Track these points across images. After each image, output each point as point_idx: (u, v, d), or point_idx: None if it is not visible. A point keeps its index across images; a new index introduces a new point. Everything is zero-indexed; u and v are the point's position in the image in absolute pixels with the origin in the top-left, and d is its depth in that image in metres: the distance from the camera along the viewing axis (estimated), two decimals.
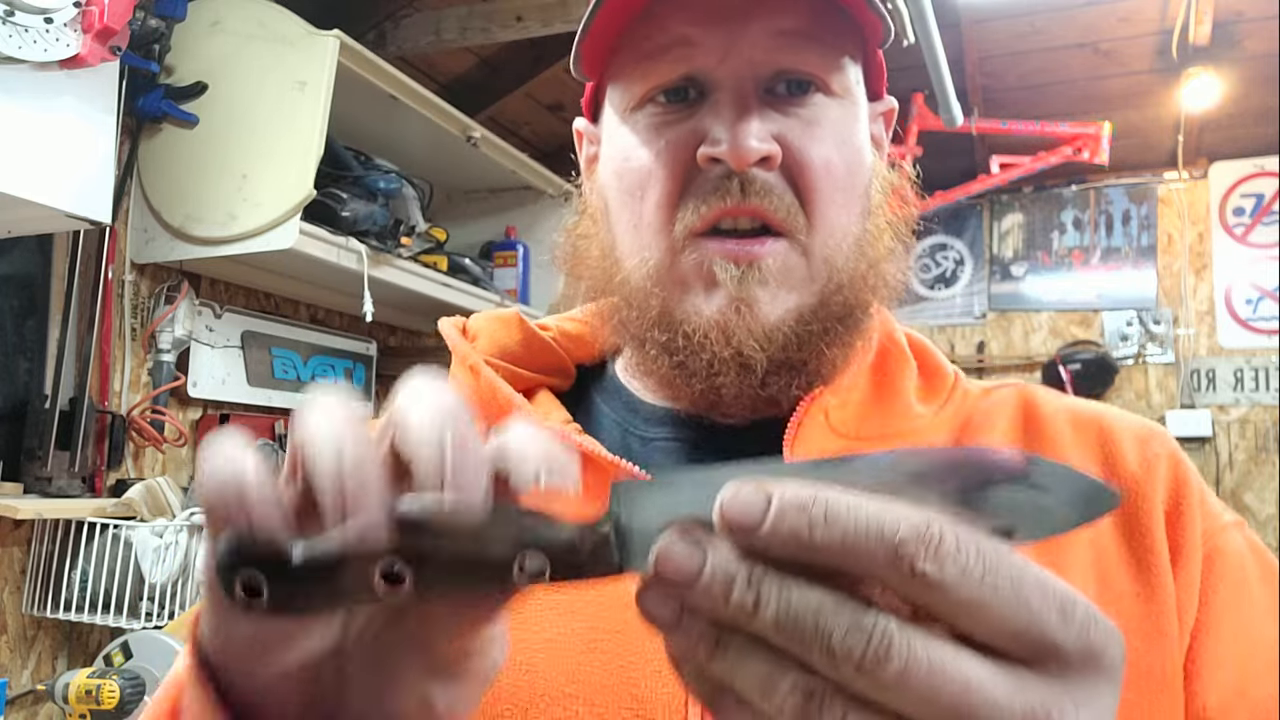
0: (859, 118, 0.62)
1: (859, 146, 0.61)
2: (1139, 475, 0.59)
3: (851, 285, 0.60)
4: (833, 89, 0.60)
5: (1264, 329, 3.87)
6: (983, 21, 3.21)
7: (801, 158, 0.58)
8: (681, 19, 0.58)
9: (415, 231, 2.44)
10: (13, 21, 1.46)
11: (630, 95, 0.61)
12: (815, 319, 0.58)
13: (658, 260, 0.59)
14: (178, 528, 1.86)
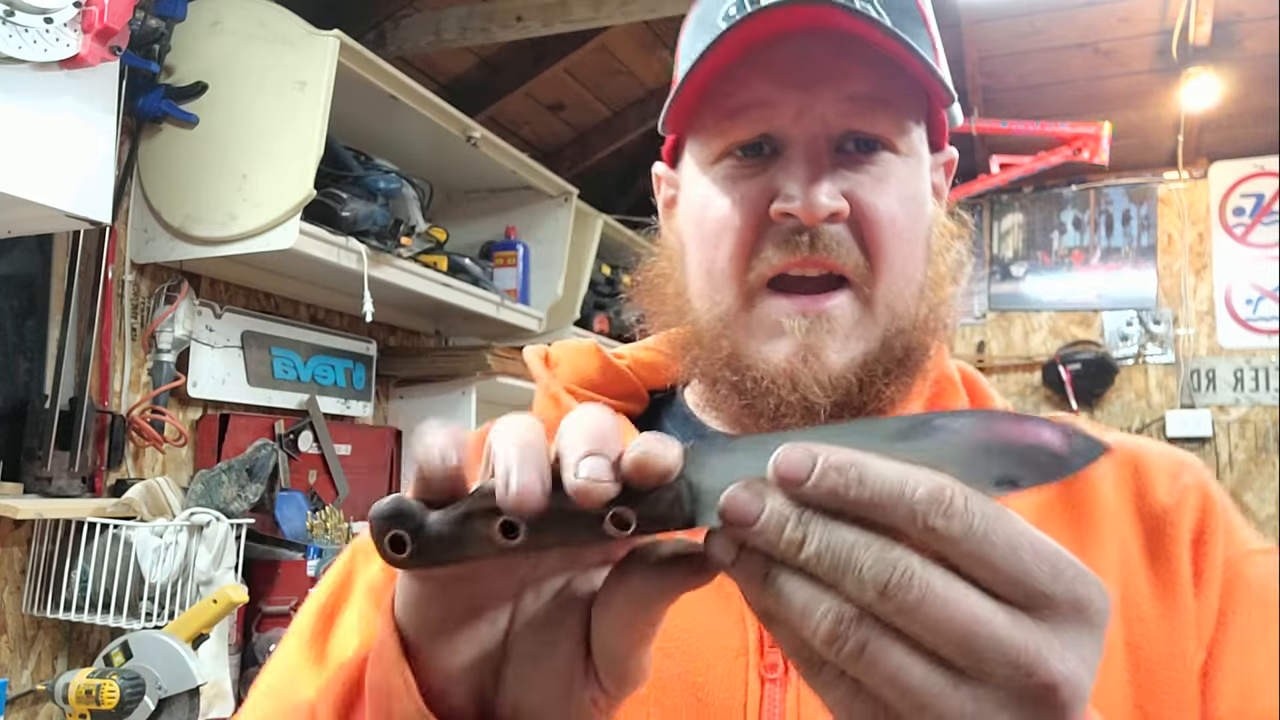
0: (922, 174, 0.66)
1: (921, 201, 0.65)
2: (1168, 505, 0.63)
3: (913, 329, 0.64)
4: (898, 148, 0.63)
5: (1264, 329, 3.87)
6: (983, 21, 3.21)
7: (868, 213, 0.62)
8: (760, 81, 0.62)
9: (415, 231, 2.44)
10: (13, 21, 1.46)
11: (710, 149, 0.65)
12: (878, 363, 0.62)
13: (729, 305, 0.63)
14: (178, 528, 1.86)
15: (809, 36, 0.61)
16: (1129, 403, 3.99)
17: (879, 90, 0.62)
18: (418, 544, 0.39)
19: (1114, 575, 0.61)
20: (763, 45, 0.61)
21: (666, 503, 0.37)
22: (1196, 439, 3.87)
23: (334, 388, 2.63)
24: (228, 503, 2.06)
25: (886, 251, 0.62)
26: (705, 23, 0.65)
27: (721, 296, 0.63)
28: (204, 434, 2.24)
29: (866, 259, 0.62)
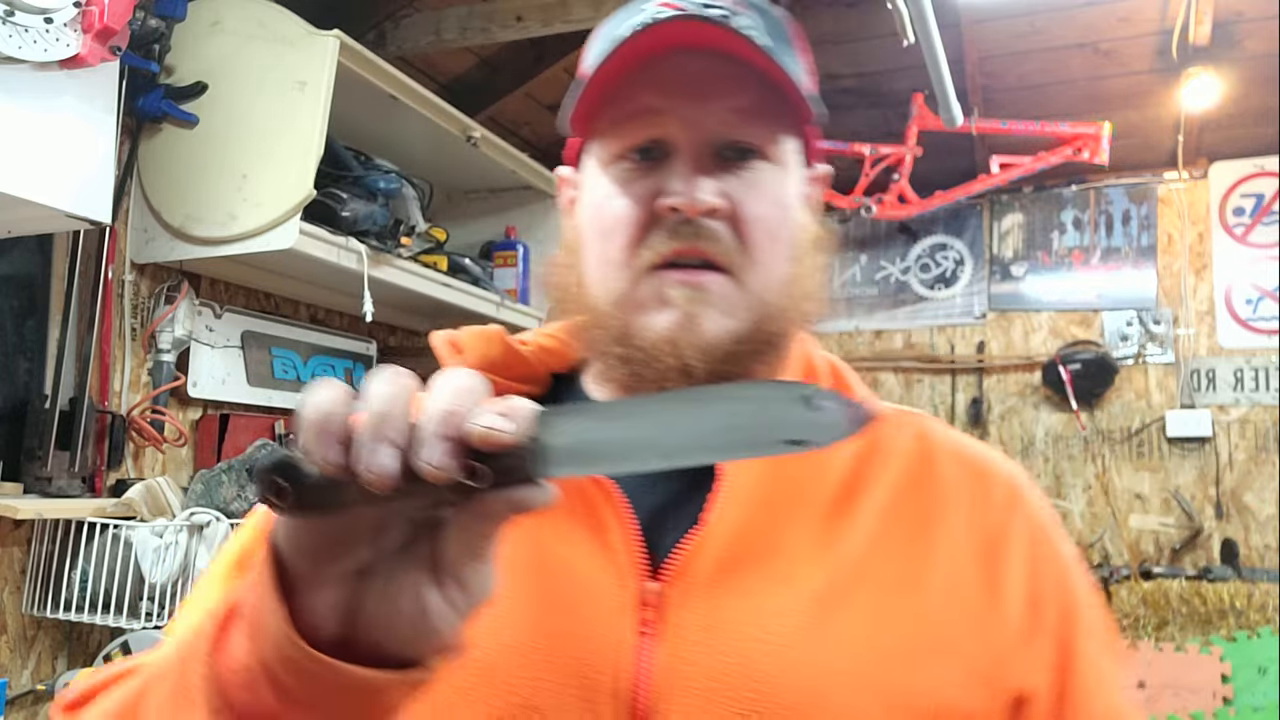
0: (791, 182, 0.75)
1: (789, 205, 0.74)
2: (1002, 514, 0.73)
3: (779, 316, 0.72)
4: (771, 157, 0.72)
5: (1264, 329, 3.87)
6: (983, 21, 3.21)
7: (742, 211, 0.70)
8: (653, 92, 0.70)
9: (415, 231, 2.44)
10: (13, 21, 1.46)
11: (607, 151, 0.73)
12: (747, 340, 0.70)
13: (620, 288, 0.71)
14: (178, 528, 1.86)
15: (697, 54, 0.70)
16: (1129, 403, 3.99)
17: (757, 105, 0.71)
18: (297, 494, 0.45)
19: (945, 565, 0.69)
20: (657, 58, 0.70)
21: (516, 460, 0.44)
22: (1196, 439, 3.87)
23: None
24: (228, 503, 2.06)
25: (757, 246, 0.70)
26: (608, 37, 0.73)
27: (614, 281, 0.71)
28: (204, 434, 2.24)
29: (741, 250, 0.70)
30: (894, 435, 0.75)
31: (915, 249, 4.35)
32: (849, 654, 0.63)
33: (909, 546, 0.69)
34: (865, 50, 3.35)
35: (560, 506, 0.67)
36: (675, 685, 0.62)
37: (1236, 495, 3.81)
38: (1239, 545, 3.70)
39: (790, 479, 0.69)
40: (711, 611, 0.64)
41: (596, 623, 0.64)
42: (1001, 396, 4.18)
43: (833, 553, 0.67)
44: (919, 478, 0.73)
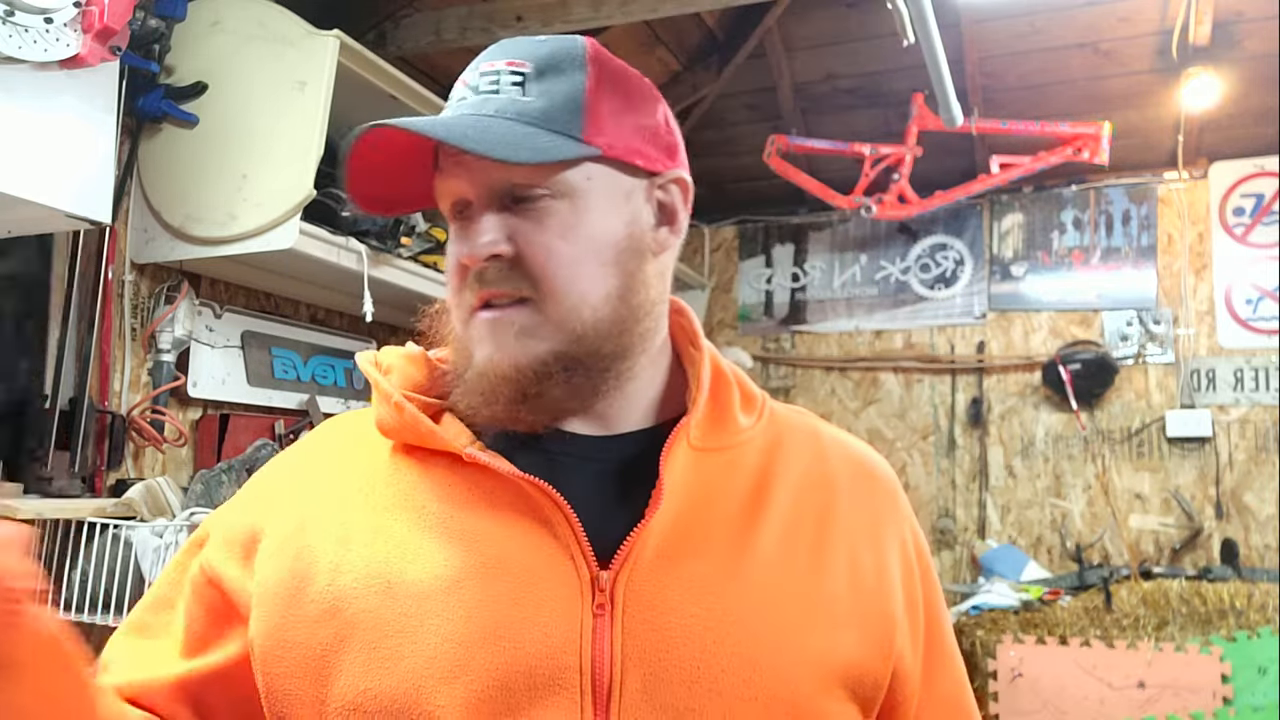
0: (588, 207, 0.79)
1: (587, 230, 0.79)
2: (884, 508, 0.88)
3: (594, 335, 0.78)
4: (556, 191, 0.78)
5: (1264, 329, 3.87)
6: (983, 21, 3.21)
7: (526, 249, 0.77)
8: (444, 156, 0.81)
9: (415, 231, 2.44)
10: (13, 21, 1.46)
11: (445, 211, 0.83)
12: (556, 361, 0.77)
13: (460, 328, 0.82)
14: (178, 528, 1.86)
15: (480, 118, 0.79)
16: (1129, 403, 3.99)
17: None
18: None
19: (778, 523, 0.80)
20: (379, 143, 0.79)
21: None
22: (1196, 439, 3.87)
23: (334, 388, 2.63)
24: None
25: (548, 277, 0.77)
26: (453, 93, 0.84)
27: (457, 320, 0.82)
28: (204, 434, 2.24)
29: (533, 283, 0.77)
30: (791, 435, 0.87)
31: (915, 249, 4.35)
32: (773, 623, 0.75)
33: (813, 534, 0.81)
34: (865, 50, 3.35)
35: (513, 510, 0.76)
36: (630, 658, 0.72)
37: (1236, 495, 3.81)
38: (1239, 545, 3.70)
39: (714, 479, 0.80)
40: (655, 593, 0.74)
41: (556, 608, 0.73)
42: (1001, 396, 4.18)
43: (752, 540, 0.78)
44: (817, 475, 0.85)
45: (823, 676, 0.75)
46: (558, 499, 0.75)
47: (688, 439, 0.81)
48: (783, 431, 0.87)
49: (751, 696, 0.72)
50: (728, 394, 0.86)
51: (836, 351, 4.36)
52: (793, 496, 0.82)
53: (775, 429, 0.87)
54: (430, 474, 0.80)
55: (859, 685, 0.78)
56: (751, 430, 0.85)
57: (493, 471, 0.77)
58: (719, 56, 3.51)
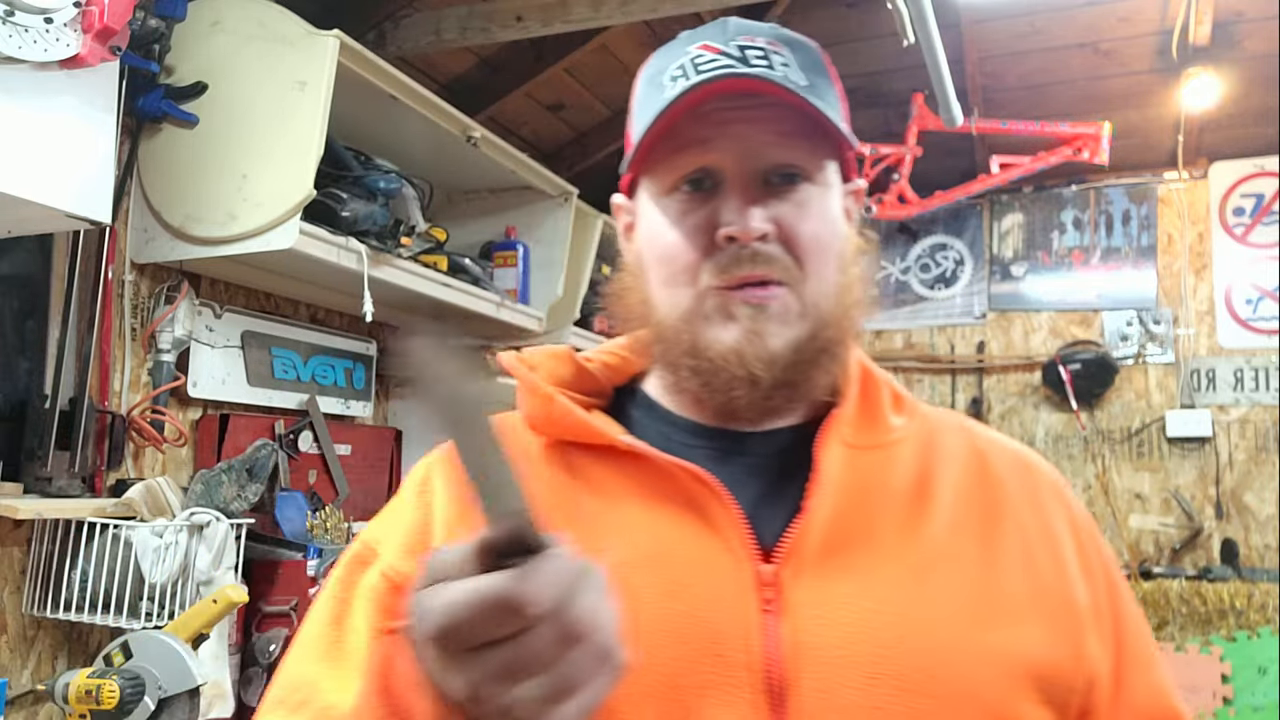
0: (834, 200, 0.81)
1: (834, 221, 0.80)
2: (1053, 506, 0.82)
3: (833, 323, 0.78)
4: (815, 178, 0.78)
5: (1264, 329, 3.87)
6: (983, 21, 3.21)
7: (793, 232, 0.76)
8: (701, 125, 0.76)
9: (415, 231, 2.44)
10: (13, 21, 1.46)
11: (661, 183, 0.80)
12: (806, 349, 0.76)
13: (686, 305, 0.77)
14: (178, 528, 1.86)
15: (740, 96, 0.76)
16: (1129, 403, 3.99)
17: (797, 130, 0.77)
18: None
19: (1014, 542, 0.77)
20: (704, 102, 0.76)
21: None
22: (1196, 439, 3.87)
23: (334, 388, 2.63)
24: (228, 503, 2.06)
25: (811, 261, 0.77)
26: (654, 82, 0.80)
27: (680, 299, 0.78)
28: (204, 434, 2.24)
29: (795, 266, 0.76)
30: (945, 433, 0.84)
31: (915, 249, 4.35)
32: (951, 619, 0.71)
33: (982, 529, 0.77)
34: (865, 50, 3.35)
35: (672, 504, 0.74)
36: (803, 656, 0.68)
37: (1236, 495, 3.81)
38: (1239, 545, 3.71)
39: (871, 475, 0.77)
40: (823, 588, 0.71)
41: (721, 603, 0.70)
42: (1001, 396, 4.18)
43: (919, 536, 0.74)
44: (978, 471, 0.81)
45: (1011, 675, 0.70)
46: (718, 489, 0.73)
47: (841, 435, 0.78)
48: (936, 430, 0.84)
49: (938, 694, 0.68)
50: (878, 393, 0.83)
51: None
52: (956, 492, 0.78)
53: (928, 428, 0.84)
54: (582, 468, 0.78)
55: (1051, 687, 0.72)
56: (904, 430, 0.82)
57: (648, 462, 0.75)
58: None
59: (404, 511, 0.83)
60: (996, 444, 0.86)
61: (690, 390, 0.79)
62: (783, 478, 0.76)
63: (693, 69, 0.77)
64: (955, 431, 0.85)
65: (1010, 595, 0.74)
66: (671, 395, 0.84)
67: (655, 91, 0.79)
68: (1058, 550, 0.78)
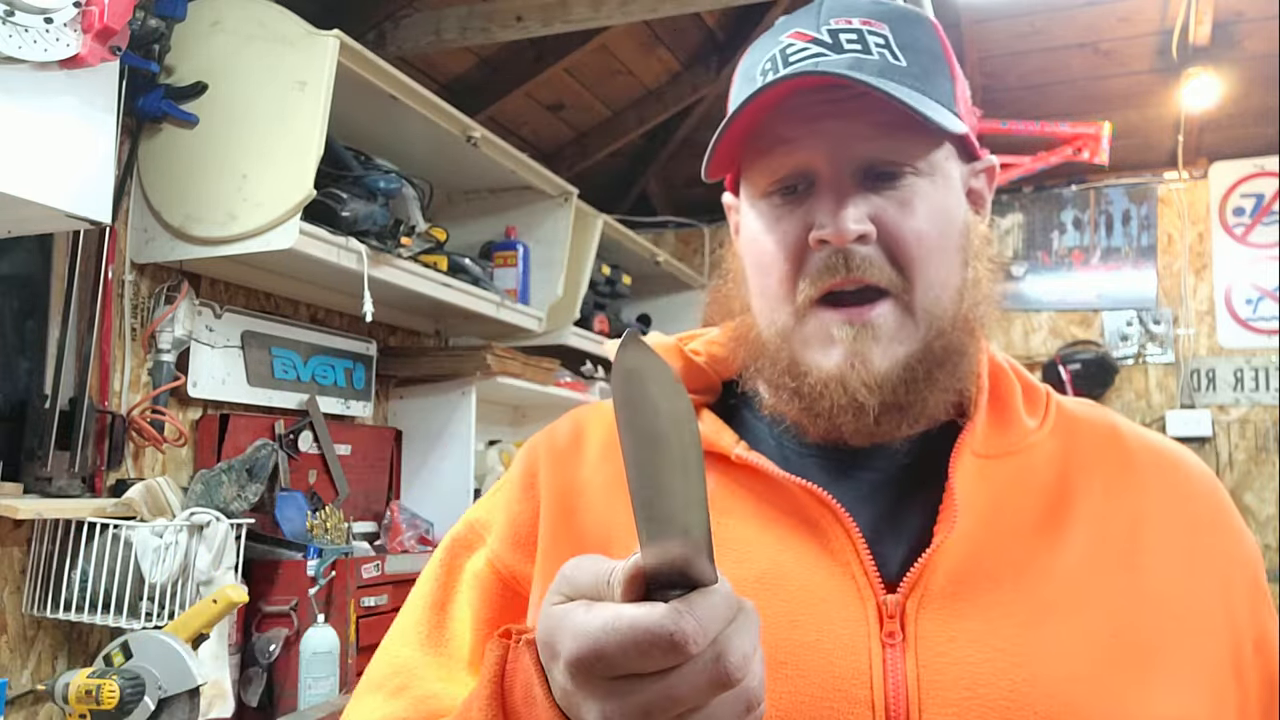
0: (948, 188, 0.73)
1: (948, 213, 0.73)
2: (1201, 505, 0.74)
3: (952, 330, 0.71)
4: (920, 170, 0.71)
5: (1264, 329, 3.87)
6: (983, 21, 3.21)
7: (895, 232, 0.70)
8: (789, 124, 0.71)
9: (415, 231, 2.44)
10: (13, 21, 1.46)
11: (755, 186, 0.75)
12: (919, 365, 0.70)
13: (784, 323, 0.72)
14: (178, 528, 1.86)
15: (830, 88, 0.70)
16: (1129, 403, 3.99)
17: (895, 120, 0.69)
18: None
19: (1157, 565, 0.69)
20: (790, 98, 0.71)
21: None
22: (1196, 439, 3.87)
23: (334, 388, 2.63)
24: (228, 503, 2.06)
25: (918, 264, 0.70)
26: (747, 77, 0.75)
27: (777, 315, 0.72)
28: (204, 434, 2.24)
29: (900, 273, 0.69)
30: (1087, 435, 0.76)
31: None
32: (1087, 662, 0.64)
33: (1127, 552, 0.69)
34: None
35: (787, 523, 0.69)
36: (928, 694, 0.63)
37: (1236, 495, 3.81)
38: None
39: (1004, 490, 0.70)
40: (950, 622, 0.65)
41: (842, 635, 0.65)
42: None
43: (1056, 562, 0.67)
44: (1121, 483, 0.73)
45: None
46: (838, 510, 0.68)
47: (971, 445, 0.71)
48: (1076, 431, 0.76)
49: None
50: (1009, 392, 0.76)
51: None
52: (1096, 509, 0.70)
53: (1066, 428, 0.76)
54: None
55: None
56: (1039, 432, 0.75)
57: (764, 476, 0.70)
58: (719, 56, 3.51)
59: (512, 501, 0.79)
60: (1147, 449, 0.77)
61: (792, 414, 0.73)
62: (905, 496, 0.71)
63: (782, 61, 0.71)
64: (1099, 432, 0.77)
65: (1155, 637, 0.66)
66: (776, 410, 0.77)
67: (746, 87, 0.73)
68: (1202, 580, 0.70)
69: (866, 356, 0.68)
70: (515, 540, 0.76)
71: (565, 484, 0.77)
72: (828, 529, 0.68)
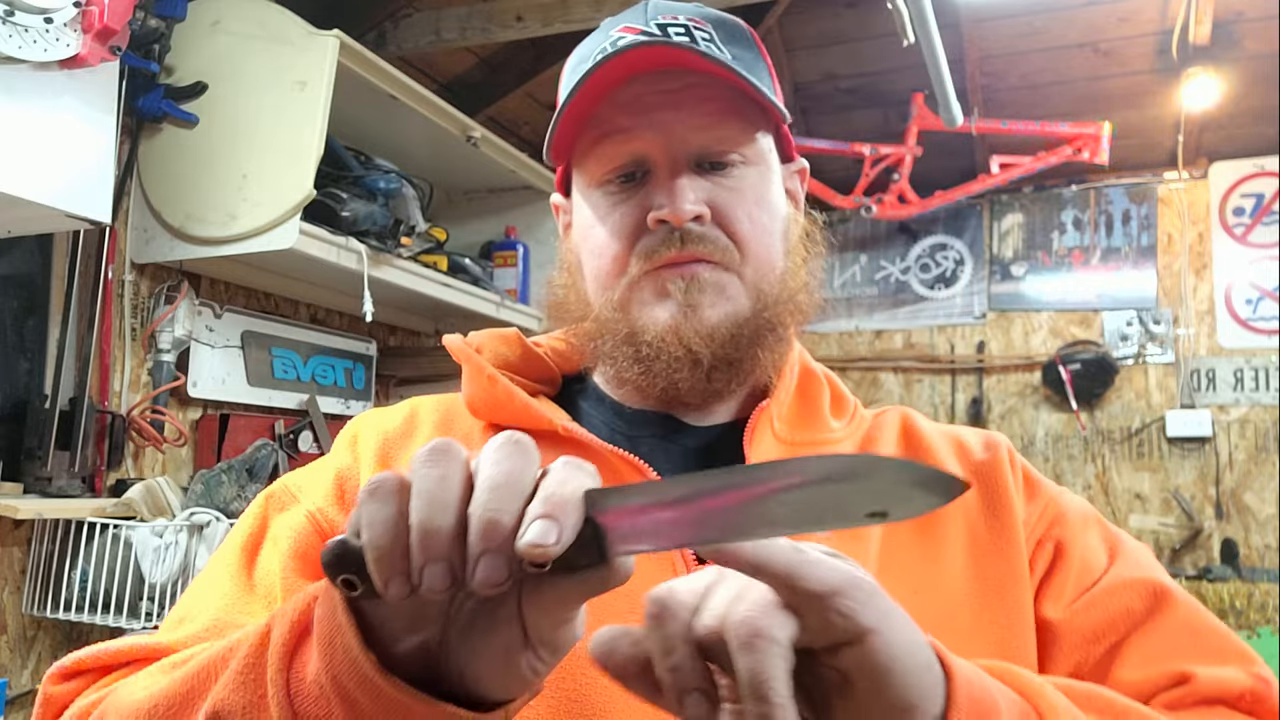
0: (772, 179, 0.79)
1: (773, 201, 0.78)
2: (987, 461, 0.78)
3: (776, 306, 0.76)
4: (748, 158, 0.76)
5: (1264, 329, 3.87)
6: (983, 21, 3.21)
7: (729, 213, 0.75)
8: (623, 114, 0.74)
9: (415, 231, 2.44)
10: (13, 21, 1.46)
11: (590, 175, 0.78)
12: (747, 325, 0.74)
13: (620, 294, 0.76)
14: (178, 528, 1.86)
15: (662, 74, 0.74)
16: (1129, 403, 4.00)
17: (725, 109, 0.75)
18: (365, 586, 0.46)
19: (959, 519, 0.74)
20: (622, 85, 0.74)
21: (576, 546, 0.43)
22: (1196, 439, 3.87)
23: (334, 388, 2.63)
24: (228, 503, 2.06)
25: (749, 242, 0.75)
26: (576, 71, 0.78)
27: (613, 290, 0.76)
28: (204, 434, 2.24)
29: (733, 249, 0.74)
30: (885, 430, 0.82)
31: (915, 249, 4.35)
32: None
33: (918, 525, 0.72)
34: (865, 50, 3.35)
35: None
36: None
37: (1236, 495, 3.81)
38: (1239, 545, 3.70)
39: None
40: None
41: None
42: (1001, 396, 4.17)
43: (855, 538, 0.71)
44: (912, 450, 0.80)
45: None
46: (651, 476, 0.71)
47: (772, 429, 0.76)
48: (876, 428, 0.82)
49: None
50: (818, 392, 0.81)
51: (836, 351, 4.36)
52: None
53: (867, 431, 0.81)
54: None
55: None
56: (842, 431, 0.80)
57: (586, 447, 0.73)
58: None
59: (335, 464, 0.80)
60: (940, 433, 0.82)
61: (632, 379, 0.76)
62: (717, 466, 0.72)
63: (612, 50, 0.74)
64: (895, 427, 0.82)
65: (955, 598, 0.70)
66: (615, 387, 0.82)
67: (576, 78, 0.75)
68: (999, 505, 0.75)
69: (698, 304, 0.73)
70: (339, 496, 0.77)
71: (387, 457, 0.78)
72: None
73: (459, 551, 0.44)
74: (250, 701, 0.51)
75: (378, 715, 0.48)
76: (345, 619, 0.48)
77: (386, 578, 0.44)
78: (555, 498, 0.43)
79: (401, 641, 0.49)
